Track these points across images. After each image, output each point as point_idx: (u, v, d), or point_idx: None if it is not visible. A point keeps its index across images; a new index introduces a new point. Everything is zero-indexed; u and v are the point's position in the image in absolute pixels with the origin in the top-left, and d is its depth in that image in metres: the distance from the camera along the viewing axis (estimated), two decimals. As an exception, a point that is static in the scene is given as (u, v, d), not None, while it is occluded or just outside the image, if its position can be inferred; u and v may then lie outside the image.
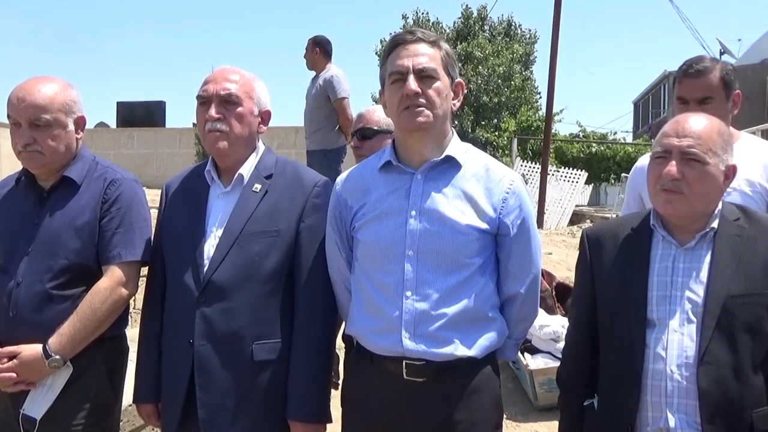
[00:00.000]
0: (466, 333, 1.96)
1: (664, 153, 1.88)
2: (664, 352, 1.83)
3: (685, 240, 1.90)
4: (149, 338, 2.24)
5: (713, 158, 1.84)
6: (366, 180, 2.09)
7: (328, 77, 6.39)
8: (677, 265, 1.89)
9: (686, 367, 1.81)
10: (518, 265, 2.04)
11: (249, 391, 2.09)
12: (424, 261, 1.95)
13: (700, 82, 2.50)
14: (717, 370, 1.79)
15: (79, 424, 2.18)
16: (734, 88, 2.53)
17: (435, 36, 2.02)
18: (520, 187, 2.05)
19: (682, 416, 1.81)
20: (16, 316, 2.15)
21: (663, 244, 1.93)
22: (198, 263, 2.11)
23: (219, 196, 2.20)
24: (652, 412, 1.85)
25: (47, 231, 2.20)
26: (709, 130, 1.87)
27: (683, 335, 1.83)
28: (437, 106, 1.95)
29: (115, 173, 2.32)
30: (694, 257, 1.89)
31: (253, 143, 2.24)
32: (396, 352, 1.95)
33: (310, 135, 6.51)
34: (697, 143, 1.84)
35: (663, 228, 1.93)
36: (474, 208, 1.97)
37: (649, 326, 1.88)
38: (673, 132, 1.88)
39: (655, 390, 1.84)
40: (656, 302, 1.88)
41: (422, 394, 1.95)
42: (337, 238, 2.14)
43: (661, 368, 1.83)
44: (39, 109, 2.18)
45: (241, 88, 2.17)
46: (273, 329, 2.12)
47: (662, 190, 1.86)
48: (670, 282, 1.88)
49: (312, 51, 6.50)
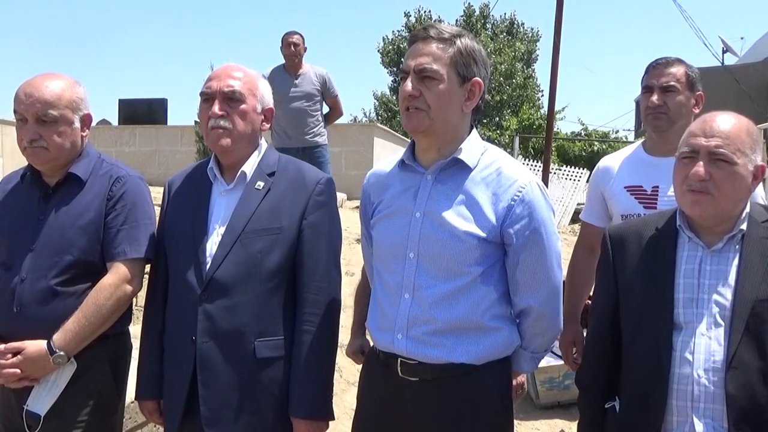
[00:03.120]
0: (458, 340, 1.90)
1: (692, 153, 1.82)
2: (691, 356, 1.79)
3: (713, 242, 1.86)
4: (151, 335, 2.25)
5: (742, 158, 1.79)
6: (387, 177, 2.09)
7: (323, 73, 6.45)
8: (704, 267, 1.85)
9: (714, 371, 1.77)
10: (528, 278, 1.94)
11: (251, 388, 2.09)
12: (423, 264, 1.92)
13: (666, 70, 2.63)
14: (745, 375, 1.75)
15: (82, 420, 2.19)
16: (698, 88, 2.66)
17: (452, 32, 1.91)
18: (533, 194, 1.91)
19: (709, 421, 1.77)
20: (20, 312, 2.16)
21: (689, 245, 1.88)
22: (200, 260, 2.11)
23: (221, 193, 2.20)
24: (678, 416, 1.81)
25: (52, 227, 2.21)
26: (738, 130, 1.81)
27: (711, 339, 1.79)
28: (435, 108, 1.87)
29: (121, 170, 2.33)
30: (722, 260, 1.84)
31: (255, 141, 2.24)
32: (392, 350, 1.96)
33: (309, 130, 6.42)
34: (725, 143, 1.79)
35: (689, 229, 1.88)
36: (476, 214, 1.89)
37: (676, 329, 1.83)
38: (700, 131, 1.83)
39: (681, 394, 1.80)
40: (683, 305, 1.84)
41: (419, 394, 1.94)
42: (365, 231, 2.17)
43: (688, 372, 1.79)
44: (46, 104, 2.18)
45: (245, 86, 2.17)
46: (275, 326, 2.12)
47: (689, 191, 1.82)
48: (697, 284, 1.84)
49: (303, 45, 6.45)
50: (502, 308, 1.97)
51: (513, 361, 2.04)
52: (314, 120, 6.44)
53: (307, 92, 6.38)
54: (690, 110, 2.64)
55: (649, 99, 2.63)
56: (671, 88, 2.60)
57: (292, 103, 6.33)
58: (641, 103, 2.72)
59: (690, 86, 2.63)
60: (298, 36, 6.40)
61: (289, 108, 6.32)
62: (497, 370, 1.98)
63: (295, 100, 6.35)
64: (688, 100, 2.63)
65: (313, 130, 6.43)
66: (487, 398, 1.95)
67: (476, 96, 1.94)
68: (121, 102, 14.10)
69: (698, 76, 2.67)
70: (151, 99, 14.30)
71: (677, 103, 2.61)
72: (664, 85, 2.61)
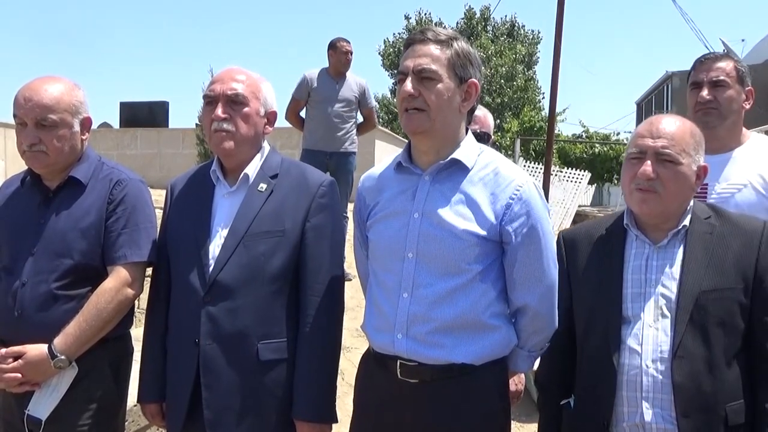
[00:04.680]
0: (459, 339, 1.90)
1: (639, 154, 1.93)
2: (640, 347, 1.88)
3: (658, 238, 1.95)
4: (154, 338, 2.24)
5: (686, 158, 1.90)
6: (383, 179, 2.09)
7: (363, 83, 6.53)
8: (651, 263, 1.94)
9: (661, 361, 1.84)
10: (525, 275, 1.95)
11: (254, 391, 2.08)
12: (422, 264, 1.92)
13: (715, 64, 2.55)
14: (691, 364, 1.82)
15: (84, 424, 2.18)
16: (748, 83, 2.57)
17: (449, 35, 1.95)
18: (530, 192, 1.93)
19: (658, 410, 1.84)
20: (21, 316, 2.15)
21: (637, 243, 1.98)
22: (203, 263, 2.11)
23: (224, 195, 2.19)
24: (628, 407, 1.88)
25: (53, 231, 2.20)
26: (682, 132, 1.93)
27: (658, 330, 1.87)
28: (435, 108, 1.89)
29: (121, 173, 2.32)
30: (667, 255, 1.94)
31: (258, 144, 2.24)
32: (391, 351, 1.95)
33: (342, 136, 6.41)
34: (671, 144, 1.89)
35: (636, 227, 1.99)
36: (475, 213, 1.91)
37: (625, 322, 1.91)
38: (647, 133, 1.93)
39: (630, 385, 1.88)
40: (631, 299, 1.92)
41: (418, 396, 1.93)
42: (359, 235, 2.17)
43: (637, 363, 1.86)
44: (45, 109, 2.17)
45: (248, 89, 2.16)
46: (278, 329, 2.11)
47: (637, 189, 1.91)
48: (644, 279, 1.93)
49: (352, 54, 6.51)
50: (500, 306, 1.98)
51: (510, 360, 2.04)
52: (349, 126, 6.47)
53: (347, 98, 6.41)
54: (741, 105, 2.57)
55: (699, 95, 2.55)
56: (721, 83, 2.53)
57: (332, 105, 6.35)
58: (689, 100, 2.63)
59: (740, 80, 2.56)
60: (350, 45, 6.46)
61: (328, 110, 6.34)
62: (495, 370, 1.98)
63: (335, 104, 6.38)
64: (739, 94, 2.56)
65: (346, 137, 6.44)
66: (487, 398, 1.96)
67: (472, 97, 1.97)
68: (122, 105, 14.12)
69: (747, 70, 2.60)
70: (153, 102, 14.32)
71: (728, 98, 2.53)
72: (714, 79, 2.53)
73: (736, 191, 2.45)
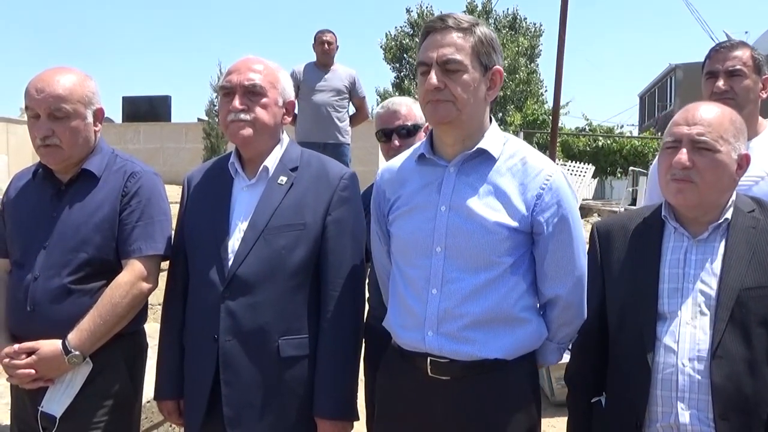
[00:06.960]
0: (492, 333, 1.86)
1: (674, 142, 1.84)
2: (676, 345, 1.79)
3: (698, 232, 1.86)
4: (171, 334, 2.20)
5: (725, 146, 1.80)
6: (404, 172, 2.04)
7: (352, 73, 6.55)
8: (689, 257, 1.84)
9: (699, 360, 1.76)
10: (556, 266, 1.92)
11: (275, 388, 2.04)
12: (452, 258, 1.87)
13: (731, 53, 2.51)
14: (731, 365, 1.74)
15: (99, 421, 2.14)
16: (765, 72, 2.53)
17: (470, 21, 1.88)
18: (559, 182, 1.90)
19: (694, 411, 1.76)
20: (33, 311, 2.11)
21: (675, 236, 1.89)
22: (222, 257, 2.06)
23: (243, 188, 2.15)
24: (663, 407, 1.80)
25: (66, 224, 2.16)
26: (721, 118, 1.82)
27: (696, 328, 1.79)
28: (462, 100, 1.83)
29: (135, 166, 2.28)
30: (707, 249, 1.84)
31: (277, 134, 2.19)
32: (421, 349, 1.90)
33: (334, 126, 6.43)
34: (707, 131, 1.79)
35: (675, 219, 1.90)
36: (505, 204, 1.86)
37: (660, 319, 1.83)
38: (683, 120, 1.84)
39: (665, 384, 1.79)
40: (668, 295, 1.83)
41: (449, 392, 1.89)
42: (377, 230, 2.12)
43: (673, 361, 1.78)
44: (58, 99, 2.12)
45: (266, 78, 2.11)
46: (299, 324, 2.07)
47: (673, 179, 1.82)
48: (682, 274, 1.84)
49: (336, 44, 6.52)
50: (531, 299, 1.94)
51: (538, 353, 2.01)
52: (340, 116, 6.49)
53: (335, 87, 6.43)
54: (758, 95, 2.53)
55: (715, 84, 2.51)
56: (738, 72, 2.49)
57: (320, 95, 6.38)
58: (704, 89, 2.59)
59: (757, 69, 2.52)
60: (331, 35, 6.47)
61: (317, 100, 6.38)
62: (526, 363, 1.95)
63: (324, 93, 6.40)
64: (756, 84, 2.52)
65: (338, 126, 6.46)
66: (520, 393, 1.92)
67: (497, 85, 1.91)
68: (124, 99, 14.06)
69: (764, 59, 2.55)
70: (155, 96, 14.27)
71: (744, 87, 2.49)
72: (730, 69, 2.49)
73: (753, 183, 2.39)
